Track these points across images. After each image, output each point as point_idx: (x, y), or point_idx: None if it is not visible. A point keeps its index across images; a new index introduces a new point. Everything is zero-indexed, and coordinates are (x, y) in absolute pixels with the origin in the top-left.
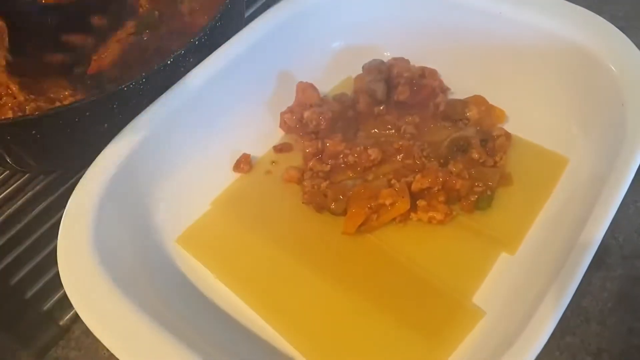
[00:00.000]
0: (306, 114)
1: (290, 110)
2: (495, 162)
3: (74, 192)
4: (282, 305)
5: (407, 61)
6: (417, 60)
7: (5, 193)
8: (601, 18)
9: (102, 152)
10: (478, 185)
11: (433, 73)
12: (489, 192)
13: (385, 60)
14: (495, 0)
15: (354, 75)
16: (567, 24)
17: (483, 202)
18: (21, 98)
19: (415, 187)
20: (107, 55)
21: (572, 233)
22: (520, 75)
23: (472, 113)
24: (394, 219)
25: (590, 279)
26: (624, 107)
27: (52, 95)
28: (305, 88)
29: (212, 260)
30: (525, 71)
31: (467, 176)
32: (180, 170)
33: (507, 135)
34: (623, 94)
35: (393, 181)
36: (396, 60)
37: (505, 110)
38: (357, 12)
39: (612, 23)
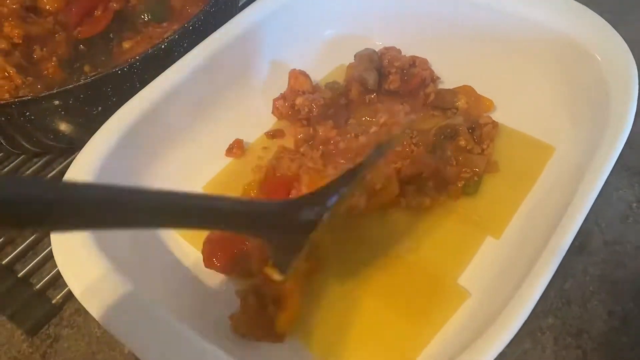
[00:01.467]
0: (298, 101)
1: (282, 96)
2: (483, 150)
3: (67, 173)
4: None
5: (399, 50)
6: (408, 49)
7: None
8: (588, 9)
9: (95, 134)
10: (465, 172)
11: (423, 62)
12: (475, 179)
13: (376, 49)
14: None
15: (346, 64)
16: (555, 15)
17: (470, 188)
18: (18, 81)
19: (404, 173)
20: None
21: (555, 218)
22: (508, 65)
23: (461, 102)
24: (383, 204)
25: (573, 263)
26: (608, 97)
27: (48, 78)
28: (298, 75)
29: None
30: (513, 61)
31: (454, 163)
32: (172, 154)
33: (494, 124)
34: (608, 84)
35: (383, 167)
36: (387, 49)
37: (493, 100)
38: (349, 1)
39: (601, 15)
